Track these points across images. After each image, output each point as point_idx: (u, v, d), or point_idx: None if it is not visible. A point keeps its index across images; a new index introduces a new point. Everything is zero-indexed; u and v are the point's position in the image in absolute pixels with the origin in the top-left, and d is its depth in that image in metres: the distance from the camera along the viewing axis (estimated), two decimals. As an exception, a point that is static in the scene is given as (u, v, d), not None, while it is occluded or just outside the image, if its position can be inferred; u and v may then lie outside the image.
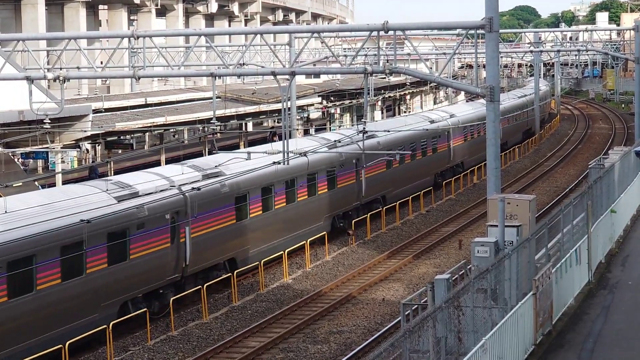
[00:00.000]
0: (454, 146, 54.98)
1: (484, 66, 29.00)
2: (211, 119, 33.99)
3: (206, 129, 44.51)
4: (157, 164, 44.58)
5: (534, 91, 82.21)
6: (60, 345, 24.14)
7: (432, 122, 51.95)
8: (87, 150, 54.33)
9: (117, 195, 27.87)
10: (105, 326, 25.78)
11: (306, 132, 57.83)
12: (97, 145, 50.99)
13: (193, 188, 30.55)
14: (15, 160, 43.28)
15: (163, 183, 30.06)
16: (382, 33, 28.74)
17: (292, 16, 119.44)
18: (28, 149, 39.25)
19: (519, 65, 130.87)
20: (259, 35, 35.59)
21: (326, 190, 39.34)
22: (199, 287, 29.86)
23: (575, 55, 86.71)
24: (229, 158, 34.41)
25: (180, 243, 29.92)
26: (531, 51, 73.44)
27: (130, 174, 31.33)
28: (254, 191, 34.26)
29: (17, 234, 23.59)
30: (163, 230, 29.20)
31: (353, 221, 40.70)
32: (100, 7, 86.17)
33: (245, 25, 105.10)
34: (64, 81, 30.85)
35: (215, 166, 33.05)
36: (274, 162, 34.22)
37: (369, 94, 60.84)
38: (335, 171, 40.02)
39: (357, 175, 41.91)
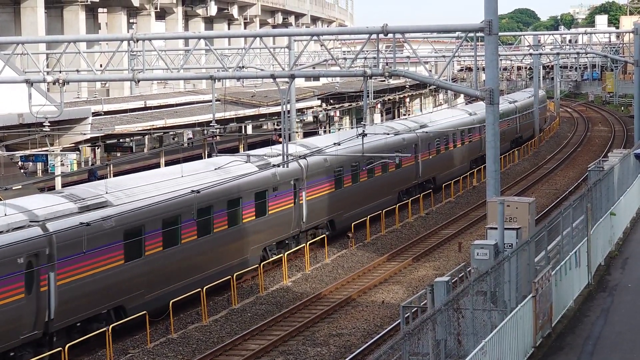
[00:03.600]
0: (422, 160, 49.74)
1: (484, 69, 29.03)
2: (211, 121, 34.01)
3: (205, 131, 44.53)
4: (157, 166, 44.59)
5: (534, 93, 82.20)
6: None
7: (397, 133, 46.61)
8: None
9: None
10: (105, 329, 25.77)
11: (305, 135, 57.79)
12: (96, 148, 50.99)
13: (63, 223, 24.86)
14: (15, 163, 43.27)
15: (20, 219, 24.41)
16: (381, 36, 28.77)
17: (292, 19, 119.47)
18: (27, 152, 39.28)
19: (519, 68, 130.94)
20: (258, 38, 35.65)
21: (254, 218, 33.60)
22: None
23: (575, 57, 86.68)
24: (123, 184, 28.63)
25: (41, 294, 24.36)
26: (530, 54, 73.51)
27: None
28: (152, 224, 28.37)
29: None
30: (15, 279, 23.41)
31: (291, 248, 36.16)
32: (100, 10, 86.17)
33: (245, 28, 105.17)
34: (64, 84, 30.87)
35: (101, 195, 27.25)
36: (192, 191, 29.66)
37: (368, 96, 60.94)
38: (267, 195, 34.35)
39: (295, 199, 36.38)
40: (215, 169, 32.63)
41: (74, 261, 25.30)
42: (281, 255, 34.64)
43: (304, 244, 36.47)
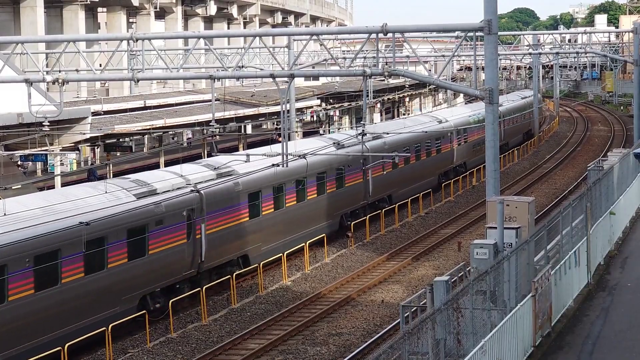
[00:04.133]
0: (373, 177, 42.74)
1: (483, 68, 29.03)
2: (210, 121, 34.02)
3: (205, 131, 44.53)
4: (156, 166, 44.61)
5: (534, 93, 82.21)
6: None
7: (339, 146, 40.54)
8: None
9: None
10: (104, 328, 25.77)
11: (305, 135, 57.82)
12: (96, 147, 51.00)
13: None
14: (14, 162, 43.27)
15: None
16: (381, 35, 28.76)
17: (291, 19, 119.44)
18: (27, 152, 39.28)
19: (518, 68, 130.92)
20: (257, 38, 35.63)
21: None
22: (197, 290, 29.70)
23: (574, 57, 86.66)
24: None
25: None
26: (530, 53, 73.54)
27: None
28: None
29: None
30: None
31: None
32: (99, 9, 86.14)
33: (244, 27, 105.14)
34: (63, 84, 30.87)
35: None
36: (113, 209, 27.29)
37: (367, 96, 60.96)
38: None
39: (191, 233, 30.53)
40: None
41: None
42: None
43: (213, 282, 31.56)
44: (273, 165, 33.27)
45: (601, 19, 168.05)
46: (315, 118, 68.78)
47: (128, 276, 27.46)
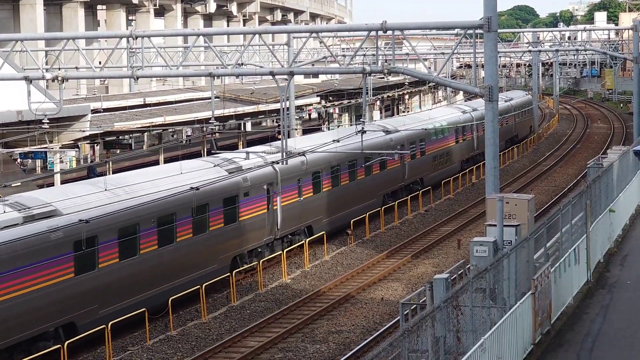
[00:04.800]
0: (282, 206, 35.65)
1: (483, 66, 29.01)
2: (210, 119, 34.01)
3: (205, 128, 44.52)
4: (156, 163, 44.58)
5: (533, 90, 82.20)
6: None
7: (236, 171, 33.88)
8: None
9: None
10: (104, 325, 25.78)
11: (304, 132, 57.81)
12: (95, 145, 50.96)
13: None
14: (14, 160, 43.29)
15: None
16: (380, 33, 28.75)
17: (291, 16, 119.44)
18: (27, 149, 39.26)
19: (518, 65, 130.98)
20: (257, 35, 35.61)
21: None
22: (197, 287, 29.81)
23: (574, 54, 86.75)
24: None
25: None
26: (530, 51, 73.59)
27: None
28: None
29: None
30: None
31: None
32: (99, 7, 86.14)
33: (244, 25, 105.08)
34: (63, 81, 30.86)
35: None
36: None
37: (367, 93, 60.94)
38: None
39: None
40: None
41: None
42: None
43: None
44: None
45: (601, 17, 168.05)
46: (310, 116, 68.76)
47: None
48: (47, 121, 32.62)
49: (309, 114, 65.27)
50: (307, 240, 36.42)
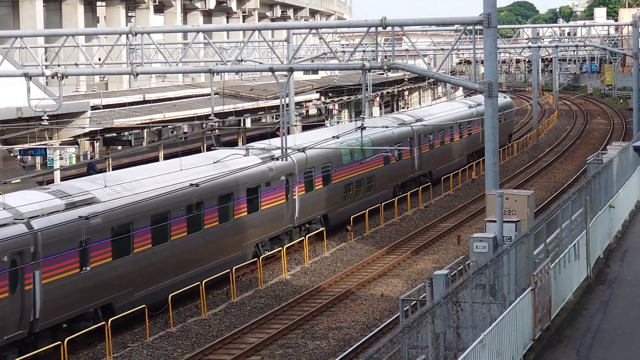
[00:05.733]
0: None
1: (482, 62, 28.99)
2: (209, 115, 34.02)
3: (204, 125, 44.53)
4: (156, 160, 44.59)
5: (533, 87, 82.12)
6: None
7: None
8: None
9: None
10: (104, 322, 25.80)
11: (304, 129, 57.82)
12: (95, 141, 50.99)
13: None
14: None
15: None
16: (380, 29, 28.73)
17: (290, 12, 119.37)
18: (26, 146, 39.28)
19: (517, 61, 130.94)
20: (257, 32, 35.59)
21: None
22: (197, 283, 29.85)
23: (574, 50, 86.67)
24: None
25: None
26: (529, 47, 73.50)
27: None
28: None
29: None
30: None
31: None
32: (98, 3, 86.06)
33: (243, 21, 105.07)
34: (62, 78, 30.84)
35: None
36: None
37: (367, 90, 60.93)
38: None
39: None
40: None
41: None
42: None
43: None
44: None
45: (600, 12, 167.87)
46: (308, 113, 68.76)
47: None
48: (47, 118, 32.62)
49: (307, 111, 65.29)
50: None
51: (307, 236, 36.81)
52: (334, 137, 37.01)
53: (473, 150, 59.13)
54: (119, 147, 48.68)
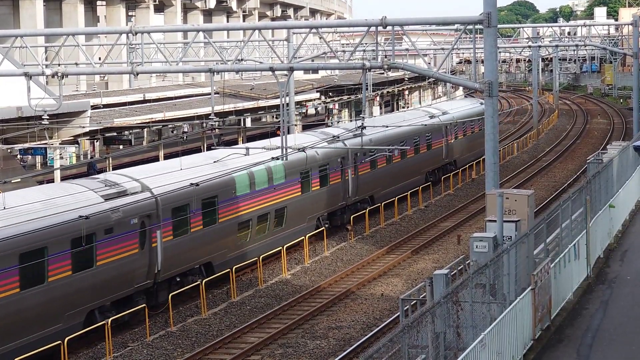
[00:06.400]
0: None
1: (483, 61, 28.98)
2: (209, 114, 34.01)
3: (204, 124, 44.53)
4: (156, 159, 44.58)
5: (533, 86, 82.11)
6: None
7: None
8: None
9: None
10: (104, 322, 25.80)
11: (304, 128, 57.82)
12: (95, 141, 50.98)
13: None
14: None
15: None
16: (380, 28, 28.72)
17: (291, 12, 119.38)
18: (26, 145, 39.28)
19: (518, 61, 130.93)
20: (257, 31, 35.60)
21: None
22: (197, 283, 29.85)
23: (574, 50, 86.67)
24: None
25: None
26: (529, 46, 73.49)
27: None
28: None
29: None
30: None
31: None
32: (99, 3, 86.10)
33: (244, 21, 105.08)
34: (62, 77, 30.83)
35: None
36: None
37: (367, 89, 60.94)
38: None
39: None
40: None
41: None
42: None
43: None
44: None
45: (600, 12, 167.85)
46: (307, 113, 68.77)
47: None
48: (47, 117, 32.62)
49: (306, 110, 65.31)
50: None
51: (307, 236, 36.71)
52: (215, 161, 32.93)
53: (434, 167, 51.44)
54: (120, 147, 48.66)
